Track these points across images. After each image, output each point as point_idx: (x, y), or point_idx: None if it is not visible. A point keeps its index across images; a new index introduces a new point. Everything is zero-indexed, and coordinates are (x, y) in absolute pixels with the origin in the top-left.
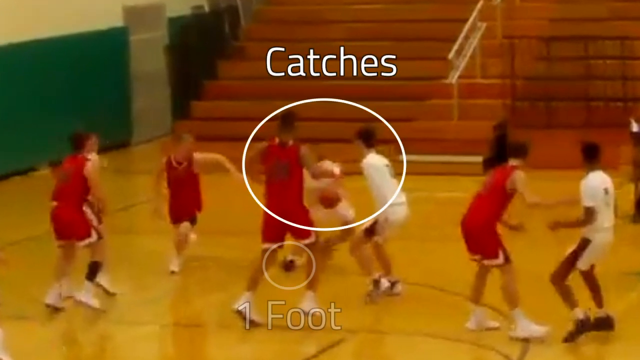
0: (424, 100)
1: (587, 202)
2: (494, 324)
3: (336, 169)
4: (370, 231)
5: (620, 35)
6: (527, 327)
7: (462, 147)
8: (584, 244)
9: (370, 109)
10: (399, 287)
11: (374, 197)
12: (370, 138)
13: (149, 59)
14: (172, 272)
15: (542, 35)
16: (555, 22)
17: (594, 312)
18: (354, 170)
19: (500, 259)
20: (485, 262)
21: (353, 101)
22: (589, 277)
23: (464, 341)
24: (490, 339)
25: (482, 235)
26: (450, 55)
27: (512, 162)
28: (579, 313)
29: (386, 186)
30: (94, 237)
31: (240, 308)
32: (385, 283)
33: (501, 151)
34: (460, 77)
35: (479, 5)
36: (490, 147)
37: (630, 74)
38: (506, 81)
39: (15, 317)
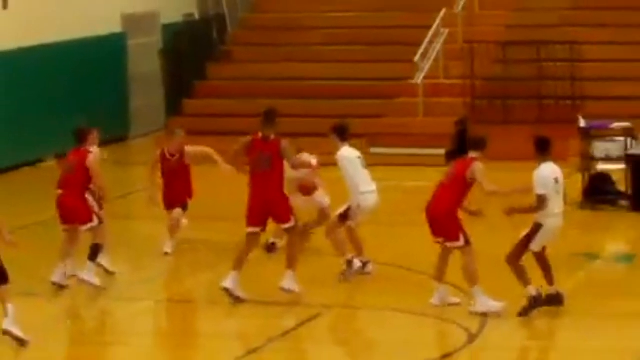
0: (392, 99)
1: (540, 191)
2: (456, 300)
3: (313, 161)
4: (344, 216)
5: (569, 40)
6: (486, 303)
7: (427, 141)
8: (537, 228)
9: (345, 106)
10: (370, 267)
11: (347, 186)
12: (344, 133)
13: (145, 62)
14: (166, 254)
15: (499, 40)
16: (511, 29)
17: (546, 290)
18: (329, 161)
19: (461, 242)
20: (448, 244)
21: (329, 100)
22: (541, 258)
23: (428, 316)
24: (452, 314)
25: (444, 220)
26: (416, 58)
27: (472, 154)
28: (532, 290)
29: (358, 176)
30: (95, 221)
31: (227, 286)
32: (357, 263)
33: (462, 144)
34: (425, 77)
35: (441, 13)
36: (452, 141)
37: (579, 75)
38: (466, 81)
39: (24, 294)
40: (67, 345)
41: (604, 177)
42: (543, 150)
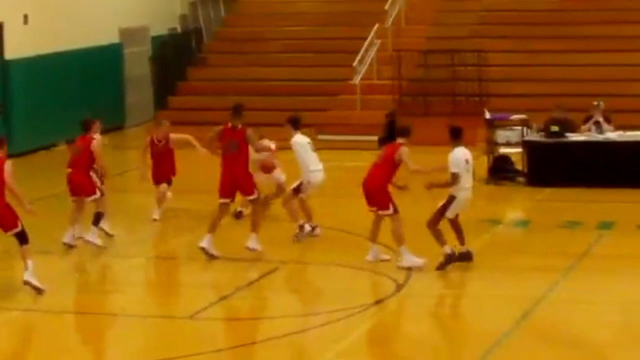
0: (335, 96)
1: (453, 169)
2: (386, 257)
3: (272, 145)
4: (297, 190)
5: (477, 49)
6: (410, 259)
7: (363, 130)
8: (451, 199)
9: (297, 102)
10: (317, 231)
11: (299, 165)
12: (297, 123)
13: (138, 67)
14: (154, 220)
15: (421, 49)
16: (431, 40)
17: (458, 249)
18: (285, 146)
19: (391, 210)
20: (380, 212)
21: (285, 96)
22: (455, 223)
23: (364, 269)
24: (384, 268)
25: (377, 193)
26: (355, 63)
27: (399, 140)
28: (447, 249)
29: (308, 158)
30: (98, 194)
31: (203, 245)
32: (307, 227)
33: (391, 132)
34: (361, 79)
35: (375, 27)
36: (383, 129)
37: (485, 76)
38: (395, 82)
39: (41, 252)
40: (75, 293)
41: (505, 158)
42: (456, 137)
